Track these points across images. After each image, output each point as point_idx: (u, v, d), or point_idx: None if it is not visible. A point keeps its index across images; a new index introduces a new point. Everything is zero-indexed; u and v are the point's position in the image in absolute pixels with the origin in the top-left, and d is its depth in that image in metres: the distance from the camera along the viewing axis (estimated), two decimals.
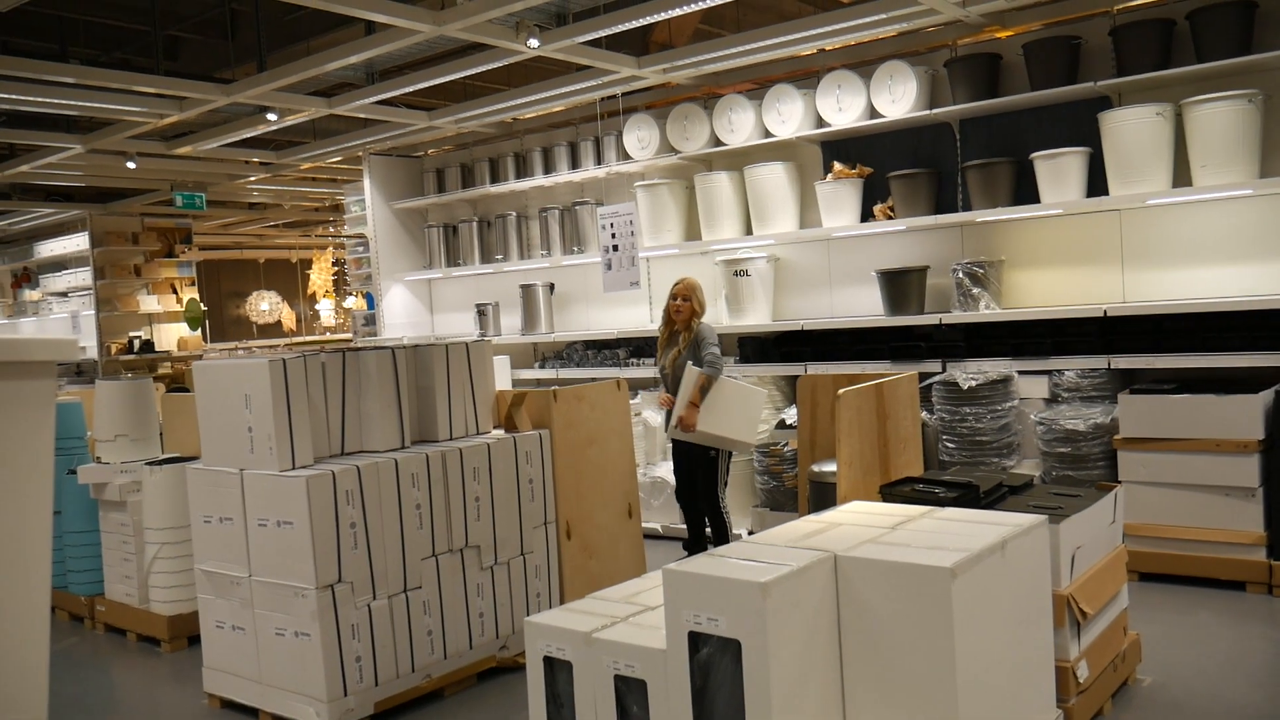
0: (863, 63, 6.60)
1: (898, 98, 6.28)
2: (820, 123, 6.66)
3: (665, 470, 7.01)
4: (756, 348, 6.88)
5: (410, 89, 7.18)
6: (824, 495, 4.45)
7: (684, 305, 5.61)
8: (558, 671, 3.39)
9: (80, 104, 7.28)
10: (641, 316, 7.77)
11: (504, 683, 4.57)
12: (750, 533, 6.35)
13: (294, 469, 4.10)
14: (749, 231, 7.03)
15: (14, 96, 6.97)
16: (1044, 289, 6.12)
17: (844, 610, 2.95)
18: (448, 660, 4.42)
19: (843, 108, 6.48)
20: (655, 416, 7.33)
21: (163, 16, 7.33)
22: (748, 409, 5.47)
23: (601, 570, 5.07)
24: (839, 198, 6.55)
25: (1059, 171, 5.75)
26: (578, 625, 3.34)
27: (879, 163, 6.57)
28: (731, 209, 7.02)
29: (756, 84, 7.13)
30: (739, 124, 6.89)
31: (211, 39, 8.09)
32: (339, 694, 4.02)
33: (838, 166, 6.60)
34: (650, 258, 7.58)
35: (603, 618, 3.40)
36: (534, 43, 6.07)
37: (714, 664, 2.87)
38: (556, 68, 7.43)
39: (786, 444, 6.32)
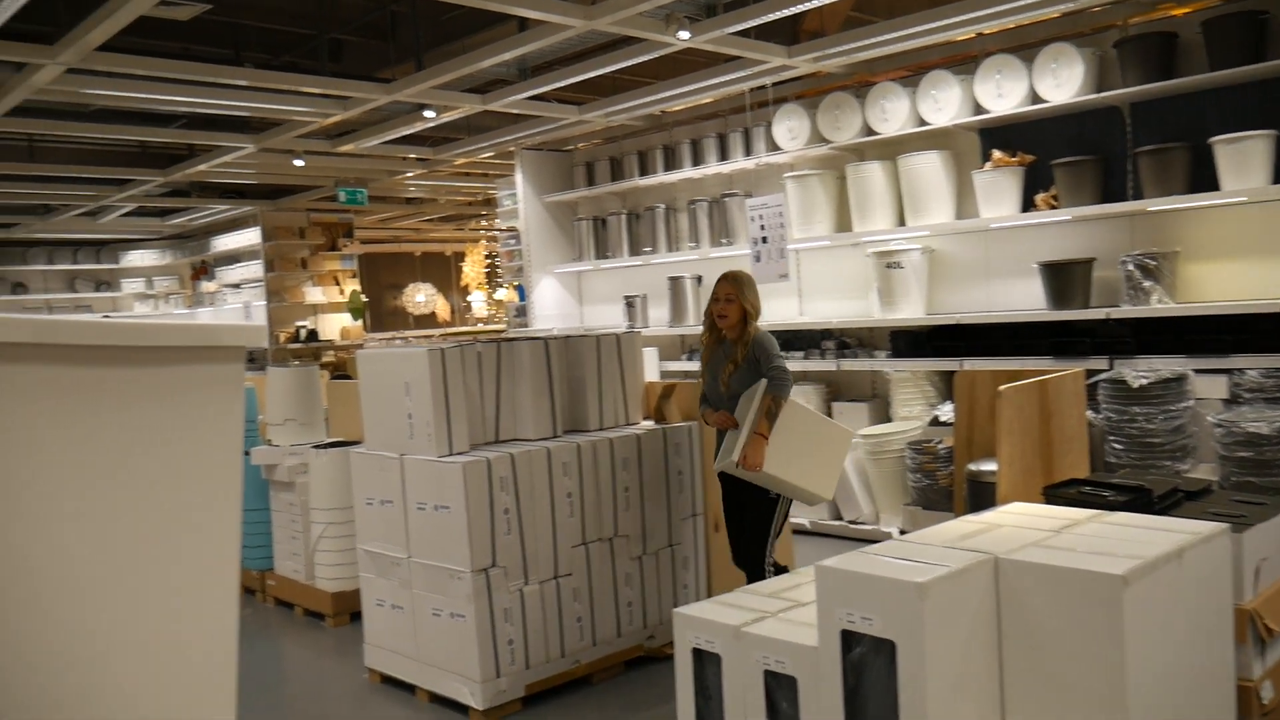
0: (1024, 46, 6.33)
1: (1062, 81, 6.01)
2: (978, 109, 6.43)
3: None
4: (909, 341, 6.71)
5: (561, 84, 7.28)
6: (982, 495, 4.30)
7: (729, 307, 4.38)
8: (706, 664, 3.39)
9: (253, 106, 7.67)
10: (791, 309, 7.69)
11: (651, 672, 4.60)
12: (902, 531, 6.21)
13: (451, 455, 4.22)
14: (902, 223, 6.86)
15: (194, 100, 7.40)
16: (1223, 282, 5.75)
17: (1005, 615, 2.84)
18: (596, 647, 4.48)
19: (1003, 93, 6.24)
20: None
21: (327, 20, 7.64)
22: (830, 451, 4.36)
23: None
24: (998, 187, 6.32)
25: (1242, 156, 5.39)
26: (727, 618, 3.33)
27: (1041, 150, 6.30)
28: (884, 200, 6.87)
29: (911, 71, 6.94)
30: (893, 112, 6.73)
31: (372, 40, 8.38)
32: (492, 675, 4.12)
33: (997, 154, 6.37)
34: (800, 250, 7.48)
35: (752, 612, 3.38)
36: (684, 34, 6.07)
37: (867, 664, 2.81)
38: (705, 59, 7.41)
39: (940, 441, 6.14)
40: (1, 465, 1.26)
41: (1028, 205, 6.31)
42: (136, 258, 15.46)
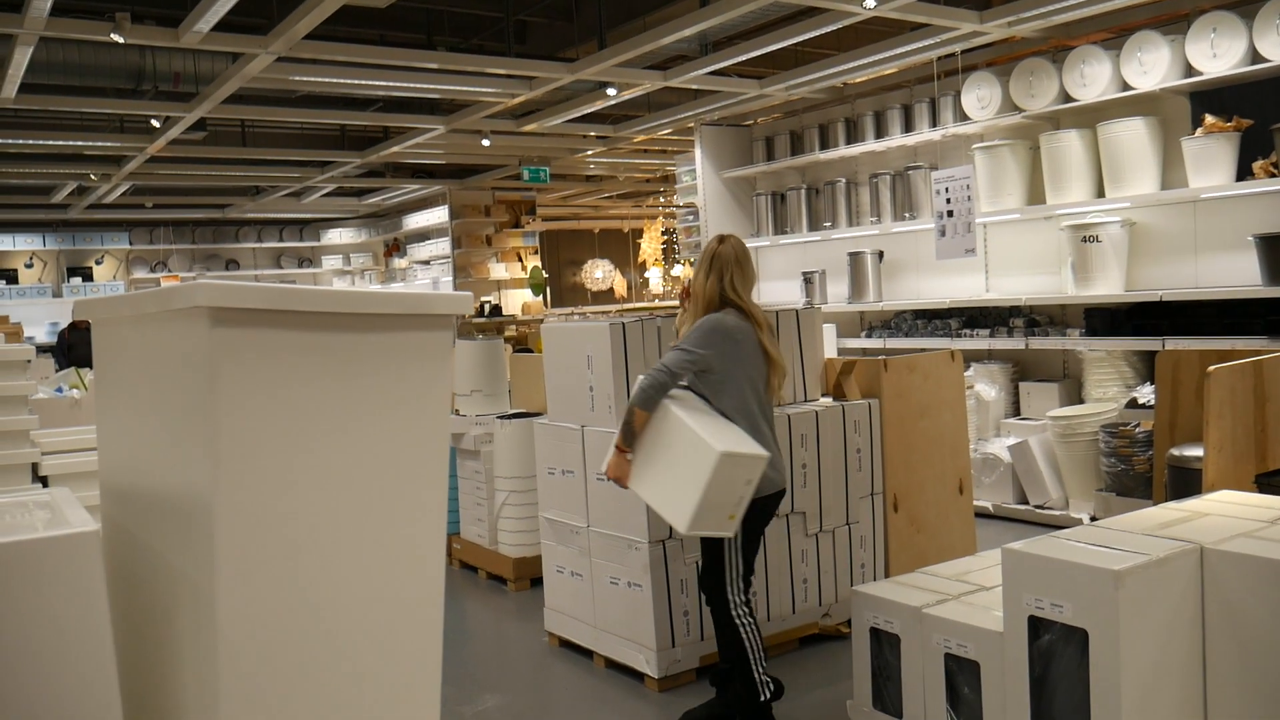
0: (1243, 1, 5.87)
1: None
2: (1189, 71, 6.01)
3: (998, 447, 6.69)
4: (1105, 319, 6.37)
5: (742, 58, 7.23)
6: (1185, 482, 4.05)
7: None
8: (885, 644, 3.35)
9: (444, 88, 7.97)
10: (976, 286, 7.42)
11: (825, 650, 4.56)
12: (1093, 518, 5.93)
13: None
14: (1100, 194, 6.49)
15: (390, 83, 7.75)
16: None
17: (1209, 609, 2.68)
18: (770, 623, 4.48)
19: (1218, 53, 5.80)
20: (989, 390, 7.00)
21: (514, 2, 7.84)
22: (687, 470, 3.43)
23: (929, 545, 4.93)
24: (1210, 154, 5.89)
25: None
26: (908, 599, 3.28)
27: (1260, 114, 5.83)
28: (1081, 170, 6.52)
29: (1113, 33, 6.55)
30: (1093, 77, 6.37)
31: (556, 21, 8.55)
32: (667, 645, 4.19)
33: (1209, 120, 5.94)
34: (988, 224, 7.20)
35: (933, 594, 3.31)
36: (870, 2, 5.92)
37: (1056, 652, 2.71)
38: (890, 28, 7.20)
39: (1138, 425, 5.82)
40: (244, 425, 1.37)
41: (1243, 174, 5.86)
42: (335, 236, 16.37)
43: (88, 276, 14.86)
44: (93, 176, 11.22)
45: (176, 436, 1.48)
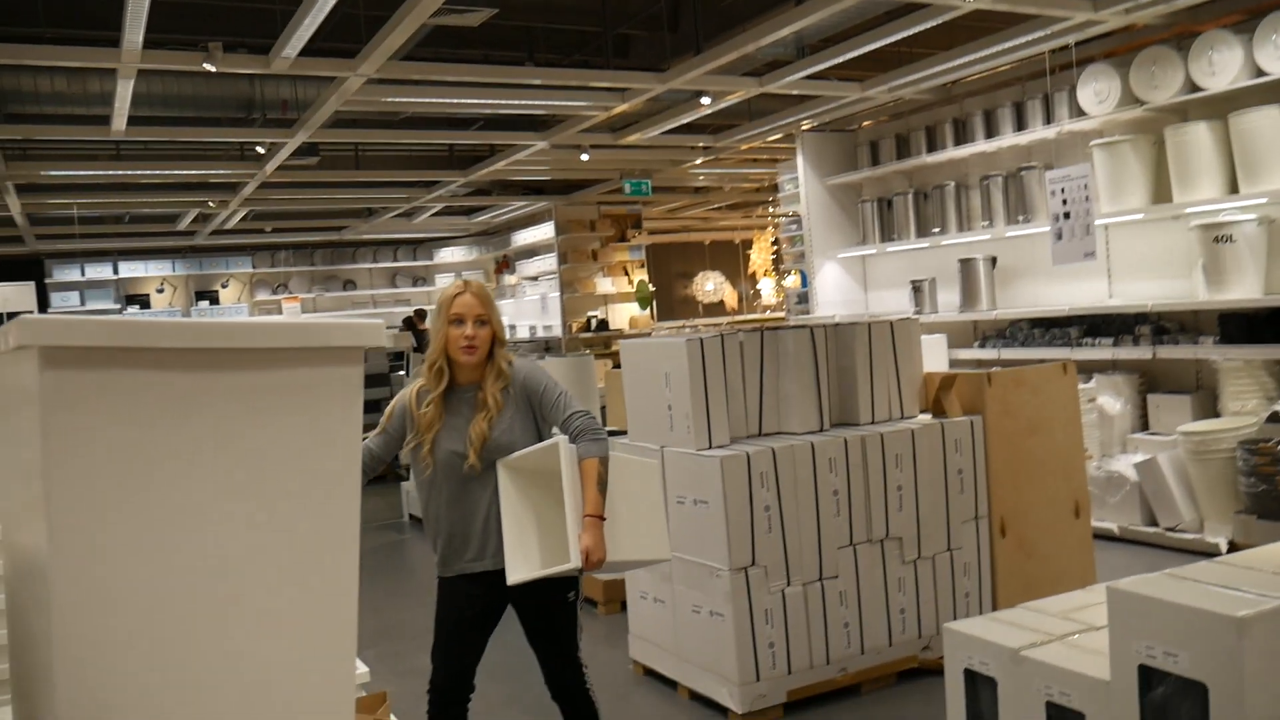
0: None
1: None
2: None
3: (1124, 464, 6.22)
4: (1242, 325, 5.85)
5: (840, 59, 6.96)
6: None
7: (481, 331, 3.07)
8: (980, 687, 3.05)
9: (541, 103, 7.93)
10: (1098, 291, 6.95)
11: (925, 686, 4.25)
12: (1231, 544, 5.45)
13: (710, 448, 4.09)
14: (1234, 190, 5.98)
15: (493, 101, 7.74)
16: None
17: None
18: (864, 656, 4.20)
19: None
20: (1114, 403, 6.53)
21: (613, 17, 7.73)
22: (646, 498, 3.23)
23: (1041, 573, 4.57)
24: None
25: None
26: (1005, 639, 2.97)
27: None
28: (1211, 165, 6.02)
29: (1245, 15, 6.03)
30: (1222, 64, 5.87)
31: (656, 33, 8.42)
32: (751, 678, 3.96)
33: None
34: (1109, 225, 6.74)
35: (1035, 633, 3.00)
36: None
37: (1171, 707, 2.39)
38: (998, 22, 6.81)
39: None
40: (84, 483, 1.19)
41: None
42: (448, 254, 16.62)
43: (214, 300, 15.43)
44: (210, 204, 11.60)
45: (23, 493, 1.32)
